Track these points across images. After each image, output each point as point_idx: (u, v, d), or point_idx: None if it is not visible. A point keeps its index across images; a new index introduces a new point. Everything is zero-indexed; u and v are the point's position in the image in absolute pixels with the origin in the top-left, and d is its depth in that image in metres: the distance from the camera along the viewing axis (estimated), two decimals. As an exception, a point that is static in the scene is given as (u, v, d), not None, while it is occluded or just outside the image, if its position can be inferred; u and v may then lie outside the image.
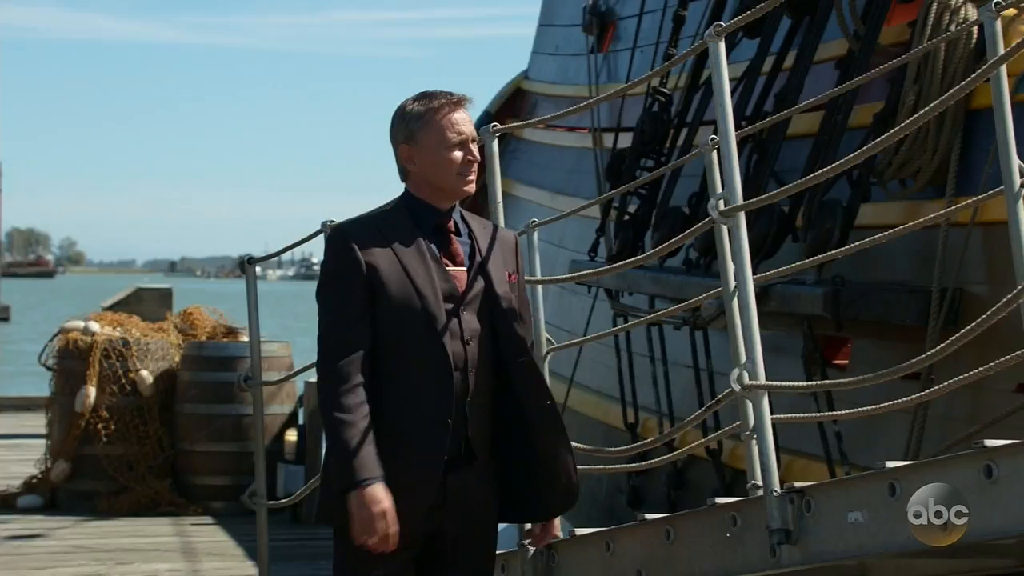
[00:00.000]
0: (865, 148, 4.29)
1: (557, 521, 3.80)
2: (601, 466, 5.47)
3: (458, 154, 3.53)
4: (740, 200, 4.20)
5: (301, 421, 9.73)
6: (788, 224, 6.45)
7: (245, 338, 9.00)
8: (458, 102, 3.55)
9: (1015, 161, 3.83)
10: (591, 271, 5.94)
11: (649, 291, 7.59)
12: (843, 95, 5.89)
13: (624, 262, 5.95)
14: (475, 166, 3.55)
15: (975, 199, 4.54)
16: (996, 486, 3.27)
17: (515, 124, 7.18)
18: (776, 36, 7.00)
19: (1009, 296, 3.63)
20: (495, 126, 5.24)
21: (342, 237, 3.52)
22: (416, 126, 3.54)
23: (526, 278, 5.85)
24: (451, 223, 3.59)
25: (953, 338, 3.79)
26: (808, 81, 6.58)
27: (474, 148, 3.54)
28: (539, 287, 5.55)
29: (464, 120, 3.55)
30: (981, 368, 4.02)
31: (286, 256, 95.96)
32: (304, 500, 7.84)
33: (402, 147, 3.57)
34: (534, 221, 5.72)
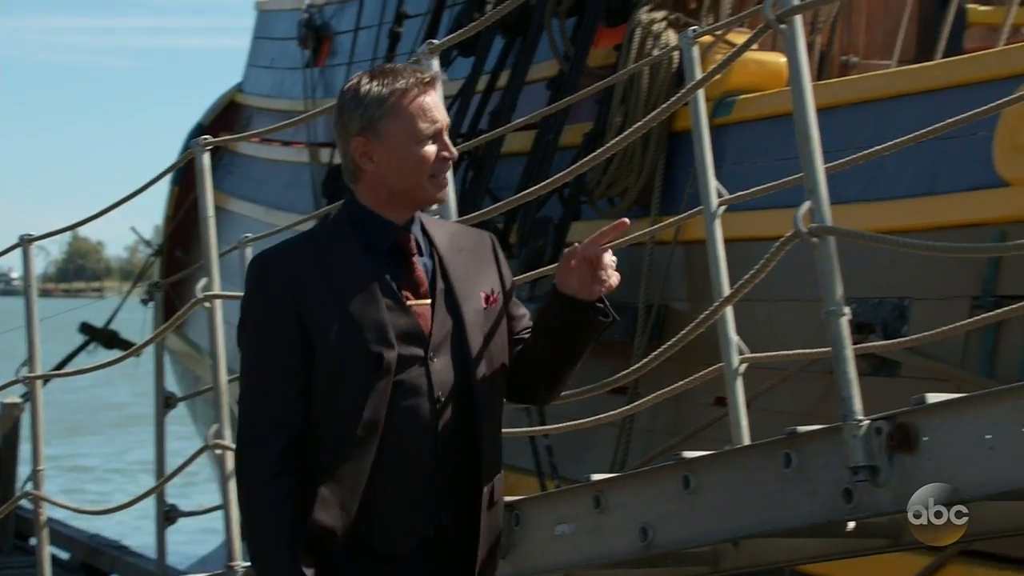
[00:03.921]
0: (574, 167, 4.39)
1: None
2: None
3: (431, 149, 2.67)
4: (455, 216, 4.24)
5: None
6: (503, 241, 6.55)
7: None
8: (430, 82, 2.69)
9: (713, 182, 3.99)
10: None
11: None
12: (554, 115, 6.02)
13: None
14: (450, 165, 2.73)
15: (677, 218, 4.71)
16: (693, 496, 3.39)
17: (229, 137, 7.05)
18: (490, 55, 7.11)
19: (707, 312, 3.77)
20: (207, 139, 5.12)
21: (265, 270, 2.67)
22: (377, 113, 2.66)
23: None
24: (411, 241, 2.71)
25: (655, 353, 3.91)
26: (521, 100, 6.71)
27: (449, 141, 2.71)
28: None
29: (437, 105, 2.70)
30: (682, 382, 4.17)
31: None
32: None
33: (356, 141, 2.68)
34: (247, 236, 5.62)
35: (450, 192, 4.17)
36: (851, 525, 3.29)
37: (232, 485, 5.04)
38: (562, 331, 2.72)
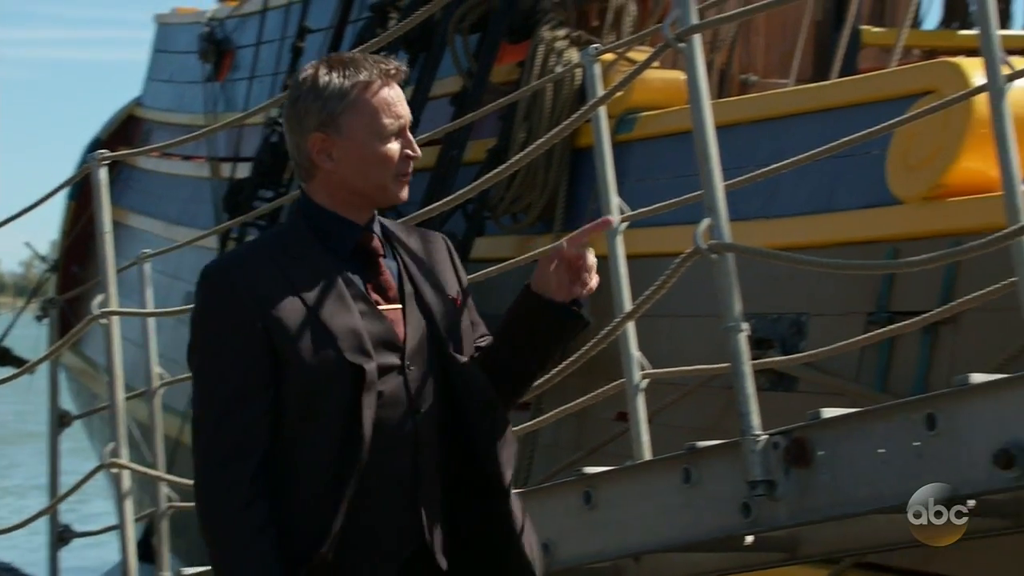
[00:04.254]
0: (478, 183, 4.40)
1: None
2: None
3: (395, 146, 2.48)
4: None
5: None
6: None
7: None
8: (395, 74, 2.50)
9: (615, 198, 4.02)
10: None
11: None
12: (457, 130, 6.03)
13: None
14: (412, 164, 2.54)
15: (579, 234, 4.73)
16: (594, 512, 3.41)
17: (127, 151, 6.96)
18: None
19: (608, 328, 3.80)
20: (104, 153, 5.05)
21: (223, 279, 2.43)
22: (338, 107, 2.45)
23: (148, 310, 5.53)
24: (376, 241, 2.52)
25: (558, 368, 3.93)
26: (424, 116, 6.70)
27: (412, 139, 2.54)
28: (151, 320, 5.38)
29: (401, 99, 2.50)
30: (584, 397, 4.20)
31: None
32: None
33: (314, 136, 2.46)
34: (145, 252, 5.54)
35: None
36: (749, 539, 3.33)
37: (129, 504, 4.96)
38: (534, 333, 2.53)
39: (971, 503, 2.90)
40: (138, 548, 5.15)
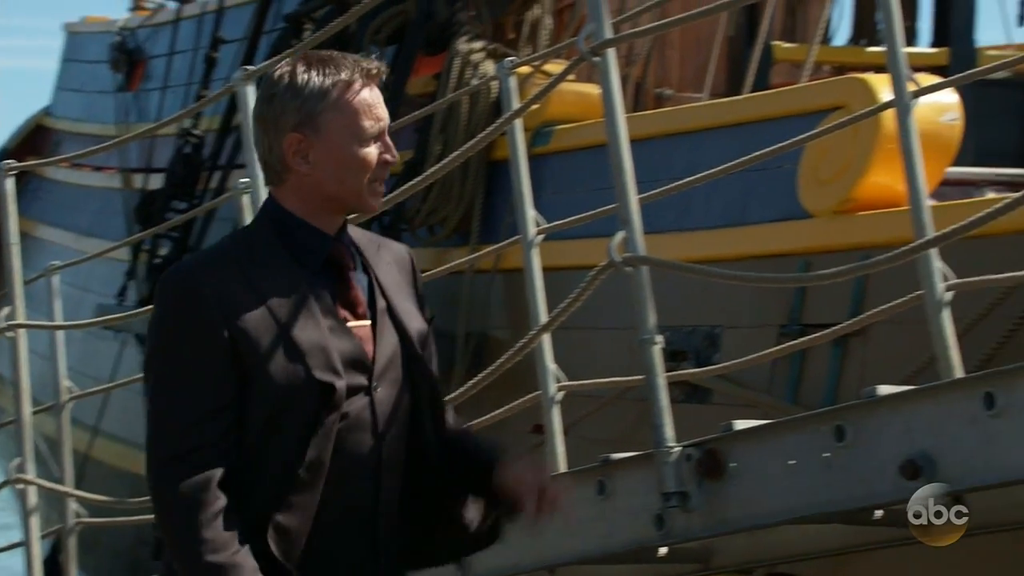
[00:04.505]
0: (393, 195, 4.38)
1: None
2: (124, 518, 5.26)
3: (373, 151, 2.33)
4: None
5: None
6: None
7: None
8: (376, 74, 2.35)
9: (531, 212, 4.03)
10: (120, 315, 5.73)
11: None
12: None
13: (151, 307, 5.78)
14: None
15: (495, 247, 4.74)
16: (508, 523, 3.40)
17: (35, 162, 6.85)
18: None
19: (524, 340, 3.80)
20: (11, 163, 4.97)
21: (186, 282, 2.28)
22: (319, 106, 2.30)
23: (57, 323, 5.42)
24: (346, 253, 2.37)
25: (473, 381, 3.93)
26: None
27: (391, 143, 2.38)
28: (60, 333, 5.29)
29: (380, 101, 2.36)
30: (500, 409, 4.20)
31: None
32: None
33: (291, 137, 2.31)
34: (53, 264, 5.45)
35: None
36: (663, 550, 3.35)
37: (35, 521, 4.88)
38: (467, 497, 2.40)
39: (878, 513, 2.95)
40: (44, 565, 5.07)
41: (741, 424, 3.10)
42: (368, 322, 2.33)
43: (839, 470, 2.93)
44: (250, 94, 4.32)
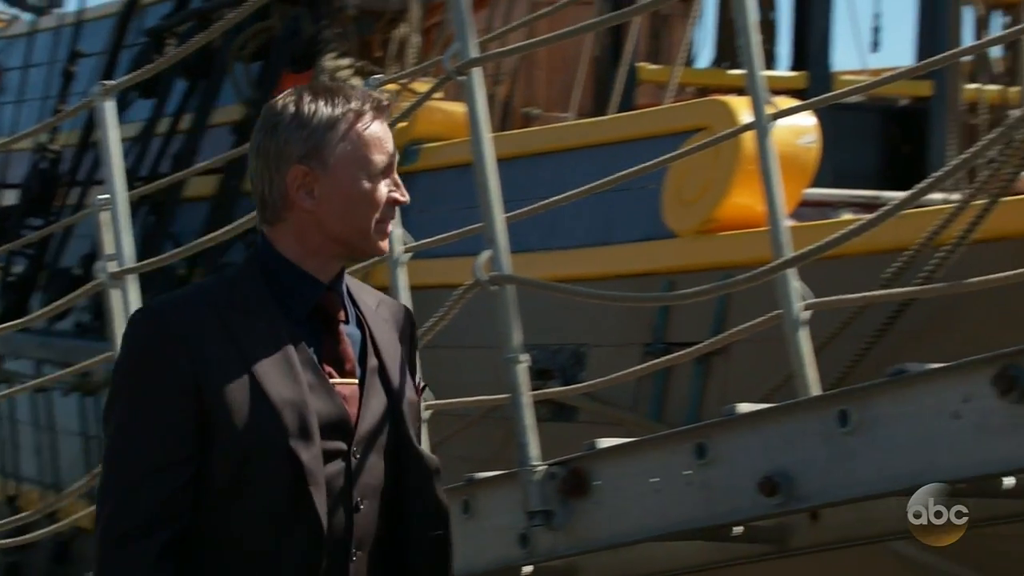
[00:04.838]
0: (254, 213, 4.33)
1: None
2: None
3: (382, 188, 2.14)
4: (131, 262, 4.11)
5: None
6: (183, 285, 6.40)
7: None
8: (386, 106, 2.18)
9: (398, 229, 4.01)
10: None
11: (36, 356, 7.27)
12: (239, 159, 5.93)
13: (7, 325, 5.65)
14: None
15: (362, 264, 4.69)
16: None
17: None
18: (172, 98, 6.96)
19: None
20: None
21: (155, 324, 2.11)
22: (326, 138, 2.12)
23: None
24: (338, 304, 2.16)
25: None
26: (206, 144, 6.59)
27: (400, 180, 2.21)
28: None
29: (390, 136, 2.18)
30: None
31: None
32: None
33: (296, 169, 2.12)
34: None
35: (125, 236, 4.05)
36: (528, 569, 3.35)
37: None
38: None
39: (738, 529, 2.98)
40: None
41: (605, 442, 3.12)
42: (355, 381, 2.12)
43: (700, 487, 2.97)
44: (108, 109, 4.24)
